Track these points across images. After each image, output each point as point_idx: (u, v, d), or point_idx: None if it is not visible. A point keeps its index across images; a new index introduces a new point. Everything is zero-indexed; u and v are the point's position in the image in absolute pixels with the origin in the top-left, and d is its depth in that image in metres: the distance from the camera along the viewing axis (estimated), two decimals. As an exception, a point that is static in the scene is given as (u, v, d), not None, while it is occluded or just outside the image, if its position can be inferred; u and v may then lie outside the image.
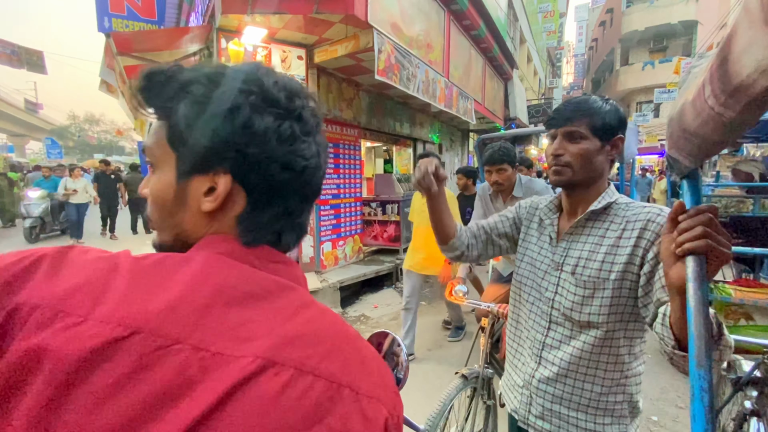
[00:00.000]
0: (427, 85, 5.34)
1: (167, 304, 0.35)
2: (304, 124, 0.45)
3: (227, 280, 0.39)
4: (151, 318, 0.34)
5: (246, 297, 0.38)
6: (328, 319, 0.41)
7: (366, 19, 3.82)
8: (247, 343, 0.35)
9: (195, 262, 0.39)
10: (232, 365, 0.34)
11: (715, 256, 0.57)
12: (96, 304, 0.34)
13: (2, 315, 0.33)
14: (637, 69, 21.29)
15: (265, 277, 0.41)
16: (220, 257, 0.41)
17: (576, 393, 0.97)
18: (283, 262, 0.45)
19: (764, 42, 0.26)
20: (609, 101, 0.96)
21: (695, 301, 0.56)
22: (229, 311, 0.37)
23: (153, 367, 0.33)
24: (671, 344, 0.71)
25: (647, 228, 0.88)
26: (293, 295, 0.41)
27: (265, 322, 0.37)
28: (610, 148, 0.95)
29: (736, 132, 0.40)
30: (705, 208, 0.58)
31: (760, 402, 1.50)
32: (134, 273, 0.37)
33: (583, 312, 0.94)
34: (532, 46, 18.51)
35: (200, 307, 0.36)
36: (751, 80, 0.28)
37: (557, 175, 0.97)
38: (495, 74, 10.14)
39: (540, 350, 1.03)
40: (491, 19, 7.99)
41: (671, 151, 0.58)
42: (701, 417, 0.52)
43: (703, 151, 0.48)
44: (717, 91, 0.34)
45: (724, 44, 0.32)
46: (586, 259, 0.95)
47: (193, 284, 0.37)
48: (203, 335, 0.35)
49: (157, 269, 0.38)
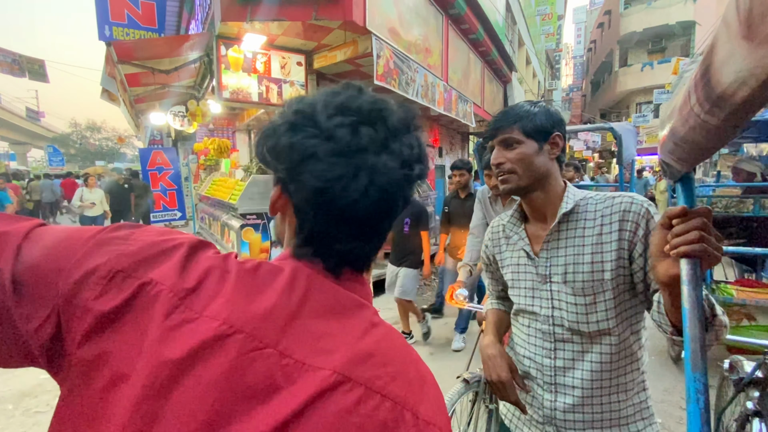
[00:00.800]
0: (426, 89, 5.36)
1: (264, 309, 0.38)
2: (336, 142, 0.42)
3: (311, 293, 0.42)
4: (249, 320, 0.37)
5: (327, 311, 0.41)
6: (395, 341, 0.44)
7: (364, 25, 3.84)
8: (327, 355, 0.38)
9: (285, 272, 0.42)
10: (312, 375, 0.36)
11: (708, 258, 0.58)
12: (209, 303, 0.37)
13: (136, 284, 0.37)
14: (636, 70, 21.33)
15: (343, 293, 0.44)
16: (304, 269, 0.44)
17: (606, 410, 0.90)
18: (358, 281, 0.48)
19: (742, 54, 0.26)
20: (537, 104, 0.97)
21: (690, 304, 0.56)
22: (312, 323, 0.40)
23: (248, 367, 0.36)
24: (669, 330, 0.74)
25: (625, 219, 0.86)
26: (366, 313, 0.44)
27: (343, 337, 0.40)
28: (550, 148, 0.94)
29: (723, 138, 0.41)
30: (700, 212, 0.59)
31: (762, 402, 1.50)
32: (239, 277, 0.40)
33: (591, 321, 0.89)
34: (530, 48, 18.58)
35: (289, 315, 0.39)
36: (732, 90, 0.29)
37: (505, 183, 0.95)
38: (494, 77, 10.18)
39: (553, 376, 0.93)
40: (489, 23, 8.03)
41: (664, 156, 0.59)
42: (697, 418, 0.52)
43: (693, 156, 0.49)
44: (701, 99, 0.35)
45: (706, 55, 0.33)
46: (574, 264, 0.90)
47: (284, 293, 0.40)
48: (289, 343, 0.38)
49: (255, 275, 0.41)
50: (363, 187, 0.42)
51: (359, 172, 0.42)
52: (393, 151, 0.44)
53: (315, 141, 0.42)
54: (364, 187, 0.42)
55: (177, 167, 8.38)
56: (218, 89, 4.27)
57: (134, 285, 0.37)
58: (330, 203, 0.43)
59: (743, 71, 0.27)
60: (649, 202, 0.87)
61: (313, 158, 0.42)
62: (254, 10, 3.61)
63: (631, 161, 2.90)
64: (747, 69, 0.26)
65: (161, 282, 0.38)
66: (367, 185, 0.42)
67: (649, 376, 0.99)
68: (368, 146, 0.43)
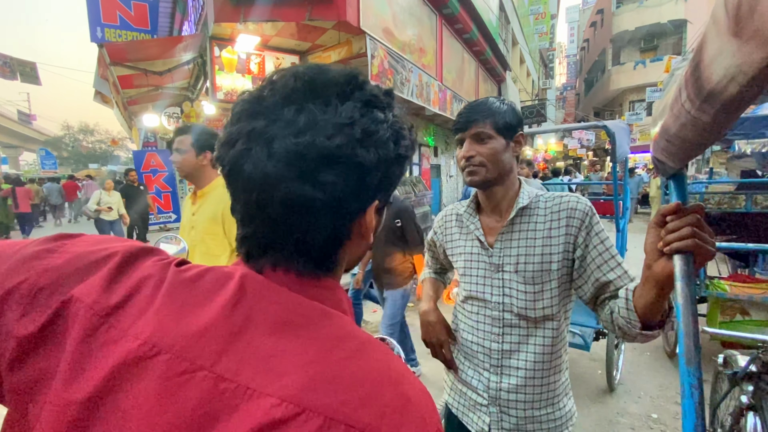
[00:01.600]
0: (420, 88, 5.37)
1: (199, 325, 0.34)
2: (233, 110, 0.40)
3: (262, 304, 0.36)
4: (179, 338, 0.33)
5: (282, 325, 0.35)
6: (370, 356, 0.36)
7: (358, 25, 3.84)
8: (278, 378, 0.32)
9: (233, 282, 0.37)
10: (257, 403, 0.31)
11: (701, 253, 0.59)
12: (136, 320, 0.33)
13: (58, 302, 0.34)
14: (629, 68, 21.48)
15: (304, 303, 0.37)
16: (255, 276, 0.38)
17: (544, 390, 0.98)
18: (324, 286, 0.41)
19: (731, 51, 0.27)
20: (505, 102, 1.01)
21: (683, 299, 0.57)
22: (262, 339, 0.34)
23: (176, 394, 0.31)
24: (638, 326, 0.78)
25: (572, 216, 0.94)
26: (334, 324, 0.37)
27: (301, 355, 0.33)
28: (514, 145, 1.01)
29: (714, 134, 0.41)
30: (692, 209, 0.61)
31: (756, 396, 1.52)
32: (173, 287, 0.36)
33: (537, 308, 0.96)
34: (524, 47, 18.66)
35: (232, 331, 0.34)
36: (721, 87, 0.30)
37: (472, 175, 0.99)
38: (488, 76, 10.21)
39: (500, 359, 1.00)
40: (483, 22, 8.06)
41: (656, 152, 0.60)
42: (692, 412, 0.53)
43: (684, 152, 0.49)
44: (692, 95, 0.36)
45: (696, 51, 0.33)
46: (525, 255, 0.97)
47: (227, 305, 0.35)
48: (230, 363, 0.32)
49: (195, 285, 0.37)
50: (257, 158, 0.36)
51: (249, 143, 0.36)
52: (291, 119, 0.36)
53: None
54: (257, 157, 0.36)
55: (172, 169, 8.33)
56: (212, 90, 4.25)
57: (56, 303, 0.33)
58: (233, 182, 0.38)
59: (732, 67, 0.27)
60: (590, 204, 0.96)
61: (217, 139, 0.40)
62: (247, 11, 3.60)
63: (624, 159, 2.92)
64: (736, 65, 0.27)
65: (81, 299, 0.33)
66: (261, 156, 0.36)
67: (645, 371, 1.03)
68: (263, 112, 0.37)
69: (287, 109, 0.37)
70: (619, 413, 2.50)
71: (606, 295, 0.91)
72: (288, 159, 0.35)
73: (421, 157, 8.11)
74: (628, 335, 0.82)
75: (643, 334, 0.78)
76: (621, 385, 2.80)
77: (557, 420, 1.00)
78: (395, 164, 0.42)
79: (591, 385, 2.84)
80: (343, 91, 0.39)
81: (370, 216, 0.42)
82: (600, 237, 0.92)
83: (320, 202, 0.36)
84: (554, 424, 0.99)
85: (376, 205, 0.42)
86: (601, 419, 2.44)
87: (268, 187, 0.36)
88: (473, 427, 1.05)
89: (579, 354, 3.19)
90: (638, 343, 3.39)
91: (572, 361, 3.19)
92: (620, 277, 0.89)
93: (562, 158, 22.73)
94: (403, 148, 0.42)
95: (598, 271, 0.90)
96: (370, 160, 0.38)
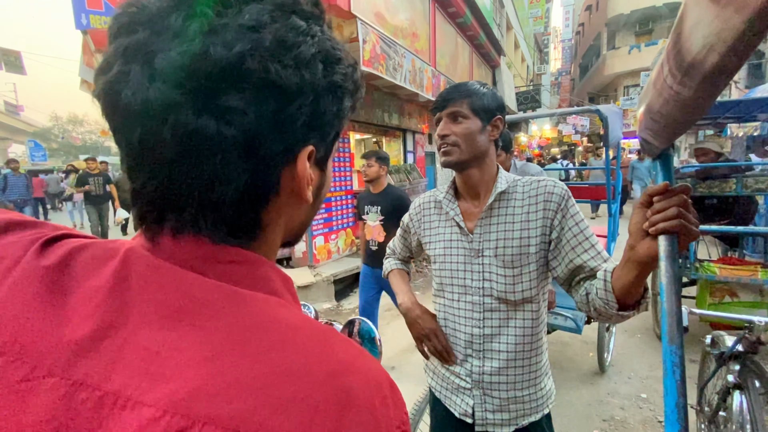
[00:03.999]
0: (414, 74, 5.31)
1: (53, 321, 0.27)
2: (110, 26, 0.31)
3: (149, 290, 0.28)
4: (22, 337, 0.26)
5: (175, 314, 0.27)
6: (303, 345, 0.28)
7: (349, 9, 3.77)
8: (163, 382, 0.24)
9: (114, 261, 0.30)
10: (130, 416, 0.24)
11: (686, 234, 0.60)
12: None
13: None
14: (624, 53, 21.35)
15: (205, 284, 0.29)
16: (142, 254, 0.30)
17: (525, 371, 1.00)
18: (241, 262, 0.32)
19: (708, 18, 0.26)
20: (486, 86, 1.03)
21: (667, 279, 0.57)
22: (145, 335, 0.26)
23: (17, 407, 0.24)
24: (615, 307, 0.79)
25: (549, 200, 0.96)
26: (248, 310, 0.28)
27: (197, 351, 0.25)
28: (491, 129, 1.01)
29: (697, 110, 0.40)
30: (679, 189, 0.61)
31: (742, 375, 1.55)
32: (26, 273, 0.29)
33: (517, 291, 0.97)
34: (519, 32, 18.45)
35: (101, 327, 0.26)
36: (702, 57, 0.29)
37: (447, 155, 1.00)
38: (482, 62, 10.11)
39: (481, 344, 1.01)
40: (477, 6, 7.95)
41: (641, 132, 0.59)
42: (673, 390, 0.53)
43: (669, 130, 0.49)
44: (674, 69, 0.35)
45: (677, 23, 0.32)
46: (504, 239, 0.98)
47: (98, 294, 0.28)
48: (94, 367, 0.25)
49: (60, 270, 0.29)
50: (136, 80, 0.27)
51: (126, 63, 0.27)
52: (179, 27, 0.27)
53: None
54: (136, 80, 0.27)
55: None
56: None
57: None
58: (110, 118, 0.29)
59: (711, 36, 0.26)
60: (566, 188, 0.98)
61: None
62: (235, -6, 3.52)
63: (617, 144, 2.92)
64: (714, 33, 0.26)
65: None
66: (140, 78, 0.27)
67: (636, 353, 1.05)
68: (143, 22, 0.28)
69: (175, 16, 0.27)
70: (610, 393, 2.56)
71: (581, 275, 0.92)
72: (175, 78, 0.26)
73: (416, 144, 8.07)
74: (604, 316, 0.83)
75: (620, 315, 0.80)
76: (612, 366, 2.86)
77: (539, 399, 1.03)
78: (329, 95, 0.33)
79: (582, 367, 2.90)
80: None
81: (303, 165, 0.33)
82: (575, 219, 0.94)
83: (227, 138, 0.28)
84: (536, 404, 1.02)
85: (311, 151, 0.33)
86: (592, 400, 2.50)
87: (152, 119, 0.27)
88: (456, 410, 1.07)
89: (571, 337, 3.24)
90: (630, 325, 3.45)
91: (564, 344, 3.25)
92: (593, 258, 0.90)
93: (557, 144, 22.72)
94: (339, 75, 0.33)
95: (572, 252, 0.92)
96: (288, 79, 0.29)
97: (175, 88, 0.27)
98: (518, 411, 1.01)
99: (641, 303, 0.79)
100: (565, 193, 0.96)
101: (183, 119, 0.27)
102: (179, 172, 0.28)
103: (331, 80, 0.33)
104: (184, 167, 0.28)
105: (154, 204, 0.30)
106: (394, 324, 3.80)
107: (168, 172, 0.29)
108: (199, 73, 0.27)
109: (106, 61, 0.29)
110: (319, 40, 0.32)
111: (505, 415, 1.01)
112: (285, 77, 0.29)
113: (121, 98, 0.27)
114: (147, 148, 0.28)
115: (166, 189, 0.29)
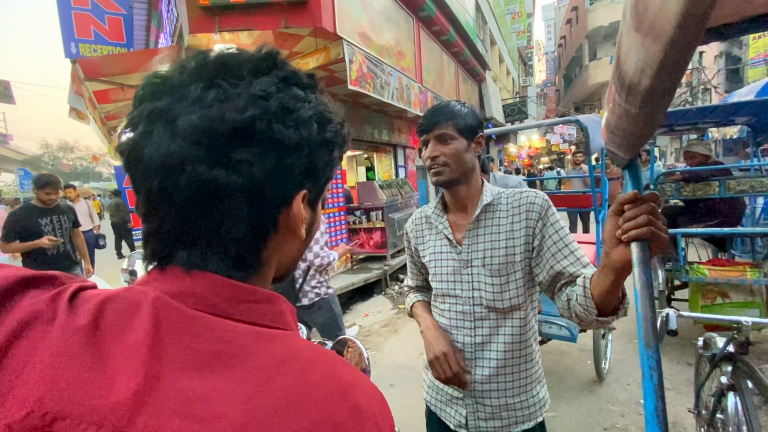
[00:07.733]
0: (401, 91, 5.41)
1: (104, 379, 0.28)
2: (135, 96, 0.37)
3: (184, 339, 0.30)
4: (80, 399, 0.27)
5: (210, 359, 0.30)
6: (315, 372, 0.32)
7: (335, 31, 3.86)
8: (211, 424, 0.27)
9: (144, 314, 0.31)
10: None
11: (656, 241, 0.61)
12: (17, 377, 0.27)
13: None
14: (605, 63, 21.94)
15: (236, 328, 0.32)
16: (170, 304, 0.32)
17: (516, 378, 1.02)
18: (260, 301, 0.35)
19: (636, 45, 0.28)
20: (466, 105, 1.07)
21: (641, 284, 0.59)
22: (186, 381, 0.28)
23: None
24: (595, 313, 0.81)
25: (531, 210, 1.00)
26: (275, 348, 0.32)
27: (236, 392, 0.28)
28: (475, 146, 1.06)
29: (648, 126, 0.43)
30: (648, 197, 0.63)
31: (734, 376, 1.55)
32: (67, 333, 0.29)
33: (505, 299, 1.00)
34: (502, 47, 18.91)
35: (146, 379, 0.28)
36: (636, 80, 0.31)
37: (438, 175, 1.03)
38: (468, 77, 10.32)
39: (473, 352, 1.03)
40: (460, 24, 8.16)
41: (608, 145, 0.61)
42: (651, 395, 0.54)
43: (629, 143, 0.51)
44: (618, 89, 0.37)
45: (617, 46, 0.35)
46: (491, 249, 1.02)
47: (138, 348, 0.29)
48: (149, 419, 0.26)
49: (96, 326, 0.30)
50: (158, 139, 0.32)
51: (150, 124, 0.33)
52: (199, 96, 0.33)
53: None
54: (159, 138, 0.32)
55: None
56: (191, 102, 4.20)
57: None
58: (132, 170, 0.34)
59: (640, 61, 0.29)
60: (547, 198, 1.01)
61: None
62: (222, 20, 3.58)
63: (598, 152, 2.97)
64: (642, 59, 0.28)
65: None
66: (163, 136, 0.32)
67: (633, 359, 1.07)
68: (167, 91, 0.34)
69: (194, 86, 0.33)
70: (609, 401, 2.54)
71: (562, 281, 0.94)
72: (194, 137, 0.31)
73: (407, 158, 8.15)
74: (585, 322, 0.85)
75: (599, 320, 0.82)
76: (610, 373, 2.85)
77: (531, 407, 1.03)
78: (321, 149, 0.38)
79: (581, 375, 2.88)
80: (258, 68, 0.36)
81: (298, 207, 0.38)
82: (555, 227, 0.97)
83: (235, 185, 0.33)
84: (528, 411, 1.03)
85: (305, 195, 0.38)
86: (592, 408, 2.48)
87: (171, 170, 0.32)
88: (451, 421, 1.08)
89: (568, 345, 3.23)
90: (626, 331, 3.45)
91: (562, 353, 3.23)
92: (572, 263, 0.93)
93: (546, 154, 23.03)
94: (330, 132, 0.39)
95: (553, 258, 0.95)
96: (289, 138, 0.34)
97: (194, 144, 0.32)
98: (511, 418, 1.02)
99: (620, 309, 0.81)
100: (545, 202, 1.00)
101: (198, 170, 0.32)
102: (192, 214, 0.33)
103: (323, 136, 0.38)
104: (196, 210, 0.33)
105: (167, 243, 0.35)
106: (392, 341, 3.77)
107: (182, 215, 0.33)
108: (215, 133, 0.32)
109: (130, 122, 0.34)
110: (314, 104, 0.38)
111: (497, 423, 1.02)
112: (287, 135, 0.34)
113: (144, 154, 0.32)
114: (165, 194, 0.33)
115: (180, 229, 0.34)
